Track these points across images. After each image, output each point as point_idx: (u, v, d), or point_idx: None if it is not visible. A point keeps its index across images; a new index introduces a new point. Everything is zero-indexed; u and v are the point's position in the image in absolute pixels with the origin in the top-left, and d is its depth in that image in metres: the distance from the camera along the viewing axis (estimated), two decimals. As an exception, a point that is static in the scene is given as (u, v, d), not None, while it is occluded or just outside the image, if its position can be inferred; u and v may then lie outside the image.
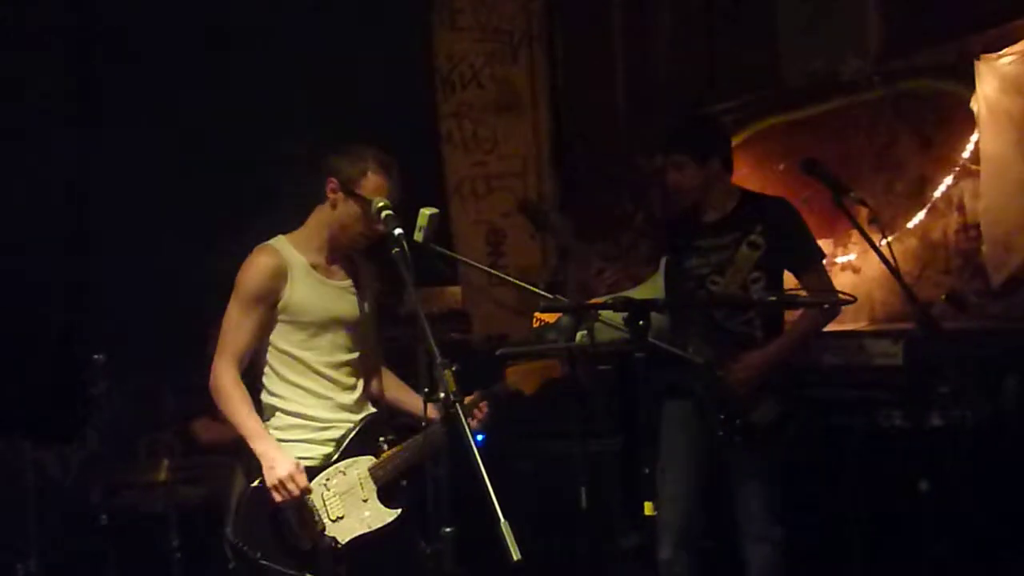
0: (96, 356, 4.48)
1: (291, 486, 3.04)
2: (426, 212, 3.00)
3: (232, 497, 3.23)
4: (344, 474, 3.18)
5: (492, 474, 2.31)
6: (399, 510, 3.17)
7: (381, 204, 3.00)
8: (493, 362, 3.49)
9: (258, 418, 3.16)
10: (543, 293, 3.12)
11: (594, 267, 5.36)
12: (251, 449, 3.11)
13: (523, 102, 5.96)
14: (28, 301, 5.26)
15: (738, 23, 5.29)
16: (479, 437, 3.17)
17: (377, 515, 3.16)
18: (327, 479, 3.16)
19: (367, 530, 3.14)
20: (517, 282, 3.28)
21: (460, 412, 2.49)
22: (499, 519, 2.25)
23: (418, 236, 2.98)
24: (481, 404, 3.29)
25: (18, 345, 5.12)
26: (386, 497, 3.19)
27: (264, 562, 3.06)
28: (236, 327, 3.15)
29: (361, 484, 3.18)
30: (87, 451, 4.93)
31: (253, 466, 3.12)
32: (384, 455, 3.21)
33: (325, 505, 3.13)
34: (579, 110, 5.96)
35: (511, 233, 5.98)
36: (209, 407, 5.03)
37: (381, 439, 3.26)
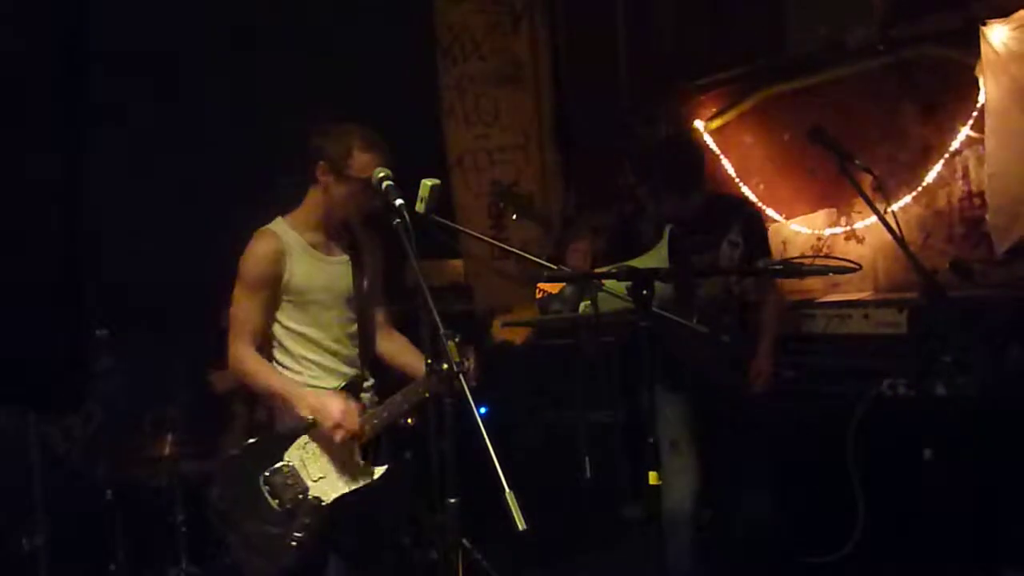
0: (99, 332, 4.48)
1: (347, 422, 3.12)
2: (427, 183, 2.96)
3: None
4: (324, 435, 3.19)
5: (497, 444, 2.31)
6: (383, 467, 3.22)
7: (382, 174, 3.00)
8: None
9: (288, 378, 3.23)
10: (546, 264, 3.10)
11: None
12: (295, 410, 3.15)
13: (525, 74, 5.92)
14: (30, 271, 5.23)
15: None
16: (482, 410, 3.16)
17: (359, 473, 3.21)
18: (306, 441, 3.22)
19: (349, 488, 3.19)
20: (520, 252, 3.25)
21: (464, 383, 2.49)
22: (504, 489, 2.25)
23: (419, 207, 2.95)
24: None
25: (19, 316, 5.10)
26: (372, 456, 3.24)
27: (245, 525, 3.13)
28: (245, 312, 3.24)
29: (342, 444, 3.20)
30: (92, 426, 4.93)
31: (235, 435, 3.13)
32: (365, 415, 3.23)
33: (305, 466, 3.19)
34: (581, 81, 5.92)
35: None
36: (223, 361, 5.08)
37: (364, 397, 3.31)
